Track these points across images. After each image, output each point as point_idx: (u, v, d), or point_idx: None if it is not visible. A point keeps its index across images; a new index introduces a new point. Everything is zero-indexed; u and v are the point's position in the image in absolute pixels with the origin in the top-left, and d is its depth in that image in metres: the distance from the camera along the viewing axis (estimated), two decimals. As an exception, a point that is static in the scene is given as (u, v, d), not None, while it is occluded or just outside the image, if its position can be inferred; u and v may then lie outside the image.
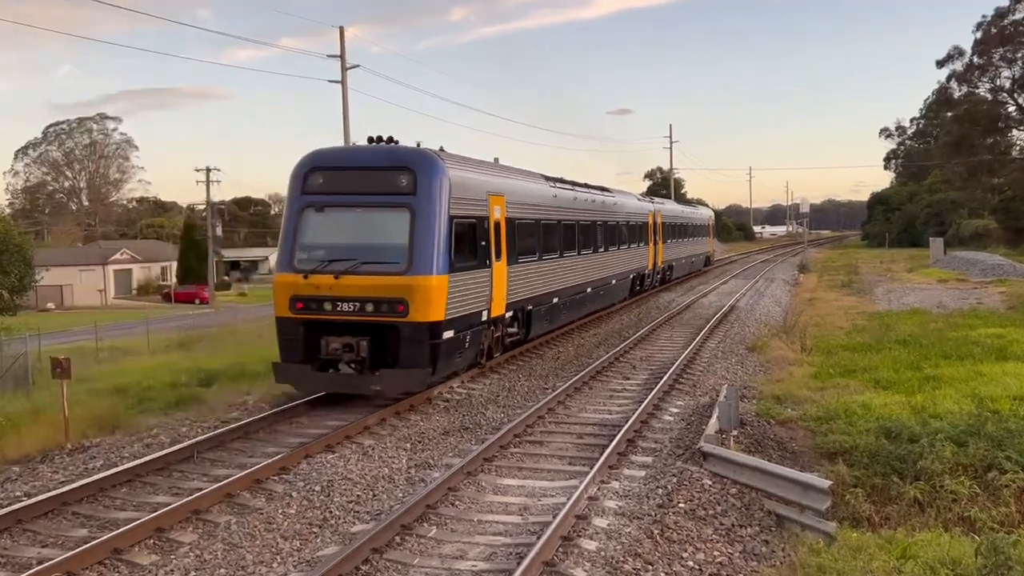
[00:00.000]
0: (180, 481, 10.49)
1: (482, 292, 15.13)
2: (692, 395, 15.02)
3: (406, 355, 13.25)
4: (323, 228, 13.78)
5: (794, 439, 12.55)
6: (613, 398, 14.94)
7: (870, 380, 15.78)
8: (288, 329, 13.64)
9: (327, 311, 13.36)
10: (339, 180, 13.85)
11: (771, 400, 14.55)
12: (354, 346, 13.30)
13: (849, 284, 39.20)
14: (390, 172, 13.59)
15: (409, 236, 13.28)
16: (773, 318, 26.68)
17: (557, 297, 20.04)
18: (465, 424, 13.08)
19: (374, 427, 12.86)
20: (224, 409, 14.22)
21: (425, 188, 13.41)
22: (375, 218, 13.62)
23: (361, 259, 13.35)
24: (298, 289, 13.48)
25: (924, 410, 13.07)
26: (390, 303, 13.14)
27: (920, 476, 10.56)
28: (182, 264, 76.48)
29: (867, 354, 18.59)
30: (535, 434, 12.49)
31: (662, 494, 9.57)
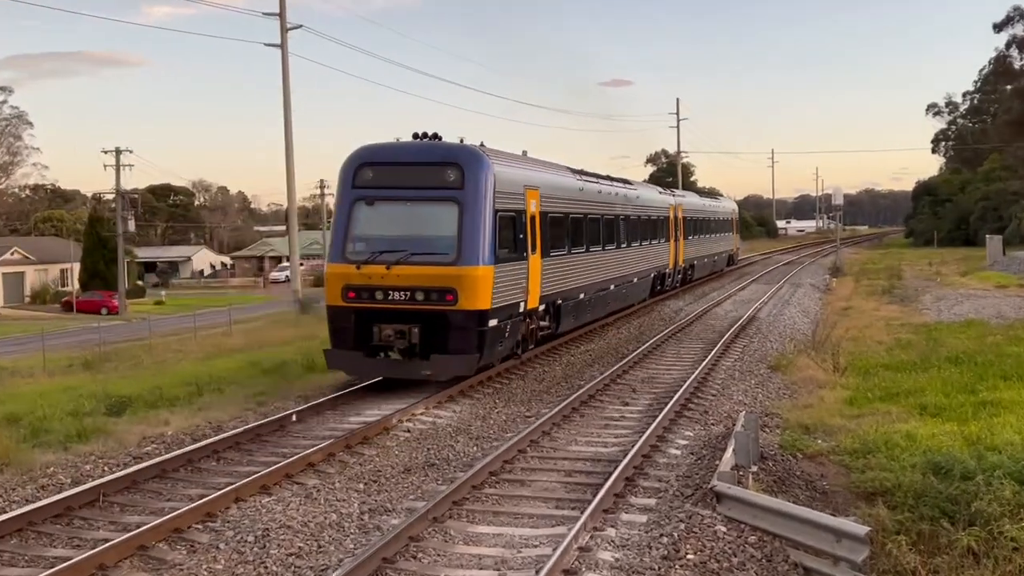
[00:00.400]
0: (83, 530, 10.41)
1: (520, 284, 18.35)
2: (703, 424, 15.11)
3: (455, 342, 16.42)
4: (374, 221, 16.98)
5: (825, 476, 12.63)
6: (609, 427, 15.01)
7: (915, 406, 15.97)
8: (340, 317, 16.83)
9: (379, 300, 16.55)
10: (389, 175, 17.04)
11: (797, 430, 14.63)
12: (406, 333, 16.40)
13: (891, 291, 39.56)
14: (438, 167, 16.76)
15: (457, 228, 16.51)
16: (800, 331, 26.89)
17: (583, 293, 23.24)
18: (430, 460, 13.11)
19: (320, 464, 12.86)
20: (138, 443, 14.17)
21: (472, 183, 16.65)
22: (424, 211, 16.86)
23: (411, 250, 16.55)
24: (350, 279, 16.68)
25: (980, 441, 13.22)
26: (440, 292, 16.32)
27: (975, 521, 10.61)
28: (86, 266, 75.80)
29: (912, 374, 18.82)
30: (515, 471, 12.51)
31: (667, 543, 9.59)
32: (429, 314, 16.57)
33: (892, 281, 44.24)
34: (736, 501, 10.32)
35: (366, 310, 16.74)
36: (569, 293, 22.21)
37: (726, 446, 12.48)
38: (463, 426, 15.14)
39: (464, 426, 15.14)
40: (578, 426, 15.11)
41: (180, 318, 51.84)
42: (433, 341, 16.59)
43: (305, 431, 14.97)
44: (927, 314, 30.52)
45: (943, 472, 11.94)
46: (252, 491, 11.52)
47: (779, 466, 12.63)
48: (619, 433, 14.61)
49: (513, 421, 15.55)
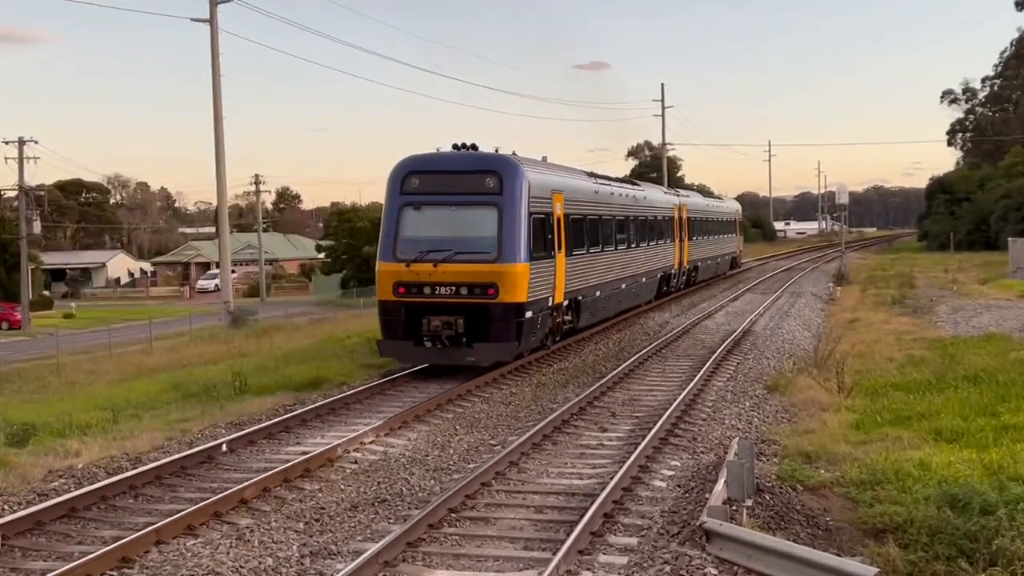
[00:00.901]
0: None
1: (549, 280, 22.75)
2: (692, 452, 15.19)
3: (496, 331, 20.71)
4: (421, 224, 21.28)
5: (828, 511, 12.72)
6: (585, 457, 15.06)
7: (930, 431, 16.08)
8: (391, 311, 21.21)
9: (427, 295, 20.82)
10: (433, 182, 21.43)
11: (798, 458, 14.67)
12: (452, 323, 20.61)
13: (902, 301, 39.83)
14: (479, 175, 21.17)
15: (497, 229, 20.84)
16: (800, 347, 27.12)
17: (599, 291, 27.75)
18: (381, 495, 13.08)
19: (254, 501, 12.81)
20: (43, 477, 14.05)
21: (509, 189, 20.99)
22: (467, 215, 21.24)
23: (456, 250, 20.84)
24: (401, 276, 20.95)
25: (1002, 471, 13.25)
26: (482, 287, 20.63)
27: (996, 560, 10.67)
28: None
29: (926, 395, 18.96)
30: (478, 508, 12.52)
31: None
32: (472, 307, 20.87)
33: (903, 290, 44.44)
34: (728, 540, 10.36)
35: (415, 304, 21.10)
36: (588, 290, 26.64)
37: (717, 477, 12.52)
38: (419, 456, 15.14)
39: (420, 456, 15.14)
40: (550, 455, 15.14)
41: (93, 333, 51.35)
42: (476, 331, 20.91)
43: (237, 463, 14.92)
44: (942, 327, 30.76)
45: (961, 505, 12.00)
46: (176, 532, 11.43)
47: (777, 499, 12.70)
48: (596, 463, 14.65)
49: (476, 450, 15.56)
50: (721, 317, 34.60)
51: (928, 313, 35.31)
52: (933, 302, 38.99)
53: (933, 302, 38.99)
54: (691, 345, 27.29)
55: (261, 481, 13.26)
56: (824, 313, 36.88)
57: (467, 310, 20.92)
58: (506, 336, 21.03)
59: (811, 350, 25.84)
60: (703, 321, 33.14)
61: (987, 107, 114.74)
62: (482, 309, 20.91)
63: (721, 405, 18.70)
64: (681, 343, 27.78)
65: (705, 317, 34.24)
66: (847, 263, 61.89)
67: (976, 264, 62.41)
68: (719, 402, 19.01)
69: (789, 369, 22.54)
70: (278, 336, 36.63)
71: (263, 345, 33.22)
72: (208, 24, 41.88)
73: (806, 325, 32.44)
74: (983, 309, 35.40)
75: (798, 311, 36.57)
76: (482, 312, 20.93)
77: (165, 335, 44.39)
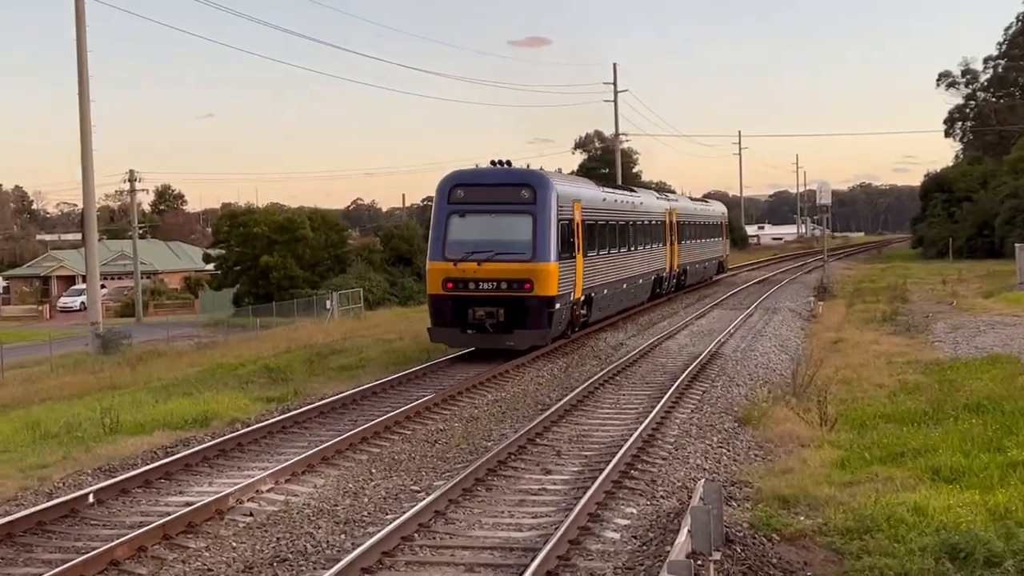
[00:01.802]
0: None
1: (572, 278, 30.62)
2: (650, 497, 15.18)
3: (531, 320, 28.40)
4: (466, 229, 28.99)
5: (810, 564, 12.80)
6: (525, 504, 15.02)
7: (926, 469, 16.21)
8: (440, 303, 28.95)
9: (471, 289, 28.46)
10: (476, 193, 29.30)
11: (774, 503, 14.78)
12: (495, 313, 28.24)
13: (893, 318, 40.09)
14: (516, 187, 29.10)
15: (532, 234, 28.54)
16: (776, 372, 27.35)
17: (607, 289, 35.95)
18: (281, 553, 12.97)
19: (127, 562, 12.62)
20: None
21: (542, 200, 28.81)
22: (505, 221, 29.07)
23: (496, 251, 28.57)
24: (449, 273, 28.62)
25: (1009, 515, 13.40)
26: (519, 282, 28.24)
27: (1003, 620, 10.89)
28: None
29: (921, 428, 19.16)
30: (398, 567, 12.45)
31: (603, 660, 9.60)
32: (511, 299, 28.50)
33: (895, 305, 44.60)
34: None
35: (461, 297, 28.72)
36: (598, 288, 34.54)
37: (679, 526, 12.56)
38: (326, 506, 15.02)
39: (328, 506, 15.02)
40: (484, 503, 15.08)
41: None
42: (514, 319, 28.53)
43: (107, 517, 14.69)
44: (940, 348, 31.00)
45: (962, 556, 12.08)
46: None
47: (749, 552, 12.76)
48: (538, 511, 14.62)
49: (395, 497, 15.47)
50: (684, 337, 34.82)
51: (924, 332, 35.64)
52: (929, 319, 39.38)
53: (929, 319, 39.38)
54: (650, 370, 27.44)
55: (136, 538, 13.05)
56: (804, 332, 37.18)
57: (506, 302, 28.57)
58: (540, 324, 28.89)
59: (789, 376, 25.87)
60: (664, 342, 33.36)
61: (990, 92, 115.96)
62: (519, 301, 28.60)
63: (684, 441, 18.78)
64: (638, 368, 27.94)
65: (666, 337, 34.46)
66: (830, 274, 62.51)
67: (979, 274, 63.33)
68: (682, 438, 19.08)
69: (763, 398, 22.66)
70: (157, 364, 36.20)
71: (139, 375, 33.01)
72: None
73: (783, 346, 32.71)
74: (987, 327, 35.87)
75: (774, 330, 36.86)
76: (519, 304, 28.62)
77: (20, 363, 43.64)
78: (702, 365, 27.63)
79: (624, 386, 25.08)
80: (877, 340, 33.52)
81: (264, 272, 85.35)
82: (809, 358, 28.44)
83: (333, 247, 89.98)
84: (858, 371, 26.63)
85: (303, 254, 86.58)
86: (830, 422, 19.91)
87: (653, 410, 20.97)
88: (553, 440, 19.08)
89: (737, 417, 21.02)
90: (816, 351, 30.72)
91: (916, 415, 20.32)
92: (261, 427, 20.24)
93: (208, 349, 42.64)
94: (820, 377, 23.84)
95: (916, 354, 29.86)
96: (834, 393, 22.54)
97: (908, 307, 44.87)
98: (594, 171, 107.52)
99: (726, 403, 22.66)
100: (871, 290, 55.69)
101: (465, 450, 18.55)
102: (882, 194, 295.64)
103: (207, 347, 44.48)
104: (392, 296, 79.88)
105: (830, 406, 20.83)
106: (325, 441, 18.91)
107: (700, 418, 20.98)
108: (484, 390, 24.74)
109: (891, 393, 23.32)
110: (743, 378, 26.18)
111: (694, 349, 31.34)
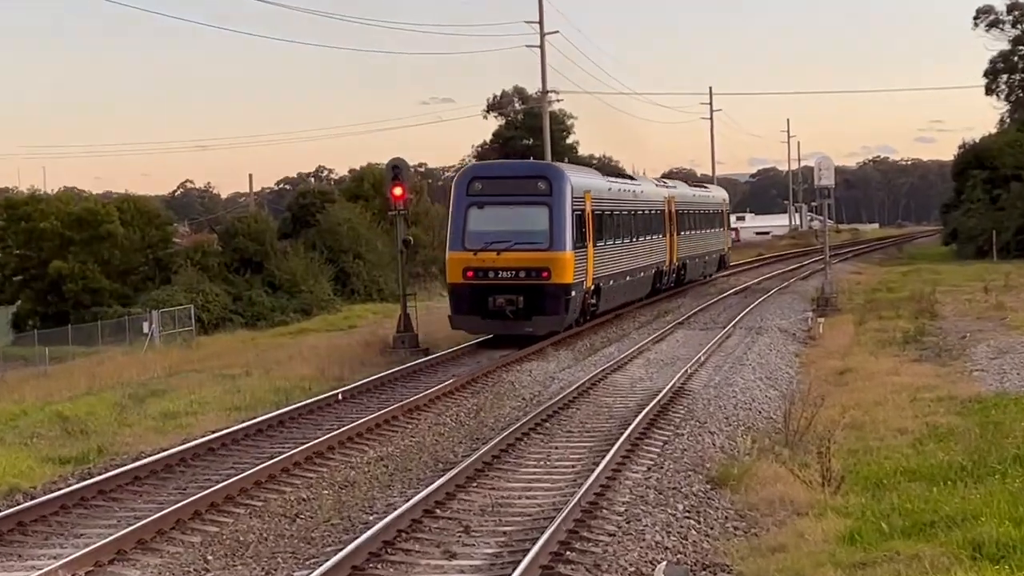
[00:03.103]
0: None
1: (584, 267, 41.40)
2: (593, 590, 15.24)
3: (549, 306, 39.15)
4: (485, 220, 39.86)
5: None
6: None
7: (964, 544, 16.19)
8: (460, 291, 40.11)
9: (490, 278, 38.89)
10: (494, 186, 41.00)
11: (761, 595, 14.86)
12: (514, 300, 38.64)
13: (919, 338, 40.54)
14: (532, 180, 40.69)
15: (548, 224, 39.40)
16: (763, 414, 27.74)
17: (613, 280, 46.80)
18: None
19: None
20: None
21: (557, 191, 39.86)
22: (523, 212, 40.12)
23: (514, 241, 39.23)
24: (469, 263, 39.26)
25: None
26: (537, 271, 38.85)
27: None
28: None
29: (957, 488, 19.10)
30: None
31: None
32: (530, 287, 38.76)
33: (921, 322, 45.03)
34: None
35: (481, 285, 38.90)
36: (606, 278, 45.58)
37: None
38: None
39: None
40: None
41: None
42: (533, 306, 38.71)
43: None
44: (982, 380, 31.07)
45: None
46: None
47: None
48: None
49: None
50: (638, 368, 34.82)
51: (959, 358, 35.91)
52: (967, 340, 39.66)
53: (967, 340, 39.66)
54: (591, 415, 27.32)
55: None
56: (799, 360, 37.48)
57: (525, 289, 39.06)
58: (557, 310, 39.62)
59: (779, 419, 26.06)
60: (611, 375, 33.32)
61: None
62: (537, 288, 39.19)
63: (639, 510, 18.65)
64: (576, 410, 27.83)
65: (614, 368, 34.44)
66: (834, 280, 62.87)
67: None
68: (636, 505, 18.98)
69: (745, 450, 22.82)
70: None
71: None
72: None
73: (771, 380, 32.85)
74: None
75: (758, 357, 36.99)
76: (538, 291, 39.23)
77: None
78: (662, 406, 27.53)
79: (556, 435, 25.11)
80: (897, 369, 33.77)
81: (55, 283, 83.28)
82: (806, 395, 28.37)
83: (152, 248, 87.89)
84: (872, 412, 26.76)
85: (111, 258, 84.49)
86: (835, 481, 19.85)
87: (597, 468, 20.91)
88: (459, 511, 18.97)
89: (710, 476, 21.04)
90: (815, 385, 30.64)
91: (950, 470, 20.34)
92: (52, 499, 19.82)
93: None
94: (821, 421, 24.01)
95: (949, 388, 30.06)
96: (840, 442, 22.62)
97: (938, 324, 45.37)
98: (513, 142, 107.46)
99: (695, 457, 22.69)
100: (889, 302, 56.07)
101: (338, 527, 18.37)
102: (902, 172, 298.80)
103: (-29, 389, 43.69)
104: (236, 315, 78.41)
105: (835, 460, 20.71)
106: (142, 517, 18.53)
107: (660, 478, 20.89)
108: (365, 443, 24.61)
109: (916, 441, 23.50)
110: (718, 423, 26.32)
111: (651, 384, 31.23)
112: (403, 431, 25.97)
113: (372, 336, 47.36)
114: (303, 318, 75.84)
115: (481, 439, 24.56)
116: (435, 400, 29.33)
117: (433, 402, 29.16)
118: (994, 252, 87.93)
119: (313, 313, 78.75)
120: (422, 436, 25.50)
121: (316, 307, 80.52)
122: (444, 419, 27.35)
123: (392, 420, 26.89)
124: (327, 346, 46.23)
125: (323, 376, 36.01)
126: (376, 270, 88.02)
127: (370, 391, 31.76)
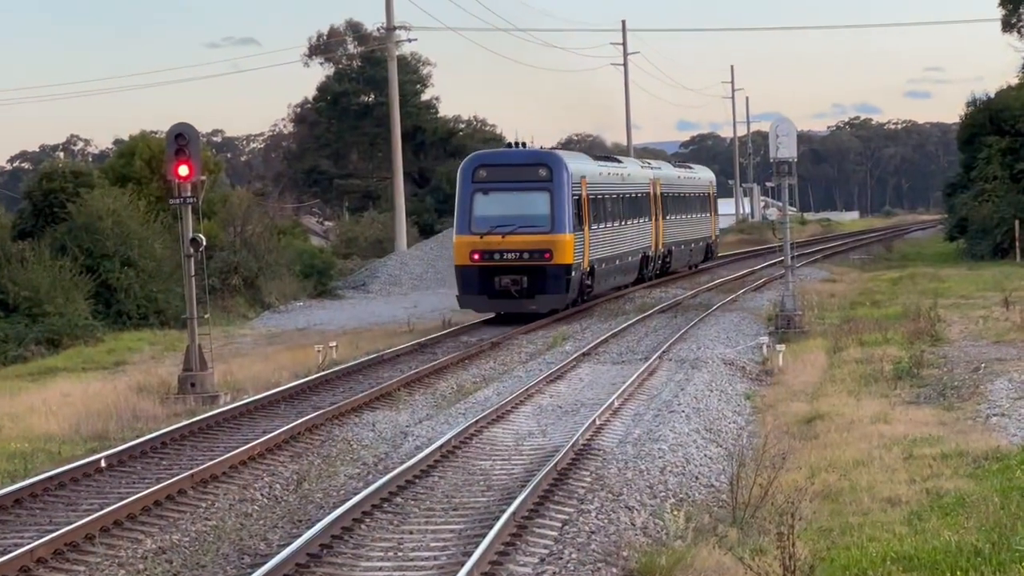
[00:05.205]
0: None
1: (582, 249, 68.53)
2: None
3: (552, 285, 68.00)
4: (490, 205, 71.47)
5: None
6: None
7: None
8: (468, 272, 70.06)
9: (496, 259, 69.33)
10: (498, 173, 72.61)
11: None
12: (519, 281, 68.37)
13: (914, 371, 40.92)
14: (534, 167, 71.79)
15: (550, 209, 69.62)
16: (701, 480, 27.28)
17: (605, 263, 70.43)
18: None
19: None
20: None
21: (557, 177, 69.92)
22: (525, 198, 72.71)
23: (518, 224, 69.68)
24: (475, 245, 69.20)
25: None
26: (540, 252, 68.89)
27: None
28: None
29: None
30: None
31: None
32: (533, 267, 62.13)
33: (918, 348, 45.60)
34: None
35: (487, 267, 62.43)
36: (599, 261, 66.95)
37: None
38: None
39: None
40: None
41: None
42: (536, 285, 62.13)
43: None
44: (1002, 429, 30.53)
45: None
46: None
47: None
48: None
49: None
50: (526, 418, 33.56)
51: (971, 398, 35.03)
52: (981, 374, 39.18)
53: (981, 374, 39.18)
54: (460, 484, 26.53)
55: None
56: (751, 404, 36.40)
57: (529, 270, 58.86)
58: (559, 289, 60.16)
59: (724, 487, 26.45)
60: (488, 428, 32.22)
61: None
62: (540, 269, 59.49)
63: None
64: (439, 480, 27.04)
65: (493, 420, 33.29)
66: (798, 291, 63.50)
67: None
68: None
69: (677, 531, 22.36)
70: None
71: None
72: None
73: (712, 432, 31.73)
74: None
75: (694, 400, 35.69)
76: (541, 271, 59.50)
77: None
78: (561, 471, 26.98)
79: (412, 515, 24.38)
80: (886, 415, 32.87)
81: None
82: (760, 453, 28.71)
83: None
84: (851, 475, 26.12)
85: None
86: (801, 574, 20.07)
87: (468, 560, 20.47)
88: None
89: (628, 570, 20.60)
90: (774, 439, 30.56)
91: (960, 556, 19.82)
92: None
93: None
94: (781, 488, 24.11)
95: (958, 441, 29.25)
96: (808, 518, 22.69)
97: (942, 352, 44.66)
98: (346, 98, 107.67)
99: (607, 543, 22.12)
100: (874, 321, 55.00)
101: None
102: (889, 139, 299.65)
103: None
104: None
105: (801, 543, 20.33)
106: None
107: (558, 574, 20.85)
108: (140, 530, 23.33)
109: (913, 515, 22.92)
110: (638, 494, 25.53)
111: (545, 442, 30.51)
112: (194, 511, 24.31)
113: (149, 377, 44.57)
114: (50, 352, 72.48)
115: (305, 521, 23.84)
116: (240, 466, 27.89)
117: (237, 469, 27.67)
118: (1017, 251, 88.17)
119: (64, 345, 75.74)
120: (221, 518, 24.08)
121: (68, 336, 77.26)
122: (252, 493, 25.95)
123: (178, 495, 25.03)
124: (84, 393, 44.00)
125: (78, 435, 34.83)
126: (154, 283, 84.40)
127: (146, 455, 30.08)
